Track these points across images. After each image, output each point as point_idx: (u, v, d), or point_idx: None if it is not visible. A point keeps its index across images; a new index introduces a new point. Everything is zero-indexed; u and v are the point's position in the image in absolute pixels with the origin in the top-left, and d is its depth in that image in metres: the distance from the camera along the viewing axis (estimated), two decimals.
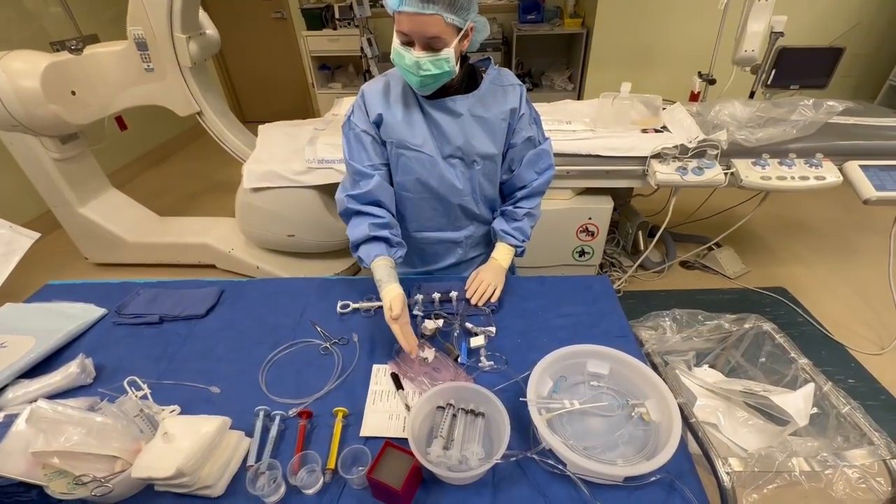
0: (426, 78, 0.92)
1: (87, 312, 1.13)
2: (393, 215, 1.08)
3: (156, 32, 1.99)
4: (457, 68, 0.93)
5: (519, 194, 1.16)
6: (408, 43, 0.89)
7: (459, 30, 0.89)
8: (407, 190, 1.10)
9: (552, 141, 1.18)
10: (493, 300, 1.11)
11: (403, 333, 0.93)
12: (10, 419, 0.78)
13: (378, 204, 1.06)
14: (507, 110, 1.05)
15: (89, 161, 2.44)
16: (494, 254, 1.17)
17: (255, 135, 2.23)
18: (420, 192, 1.10)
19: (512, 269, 1.36)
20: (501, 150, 1.10)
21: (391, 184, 1.11)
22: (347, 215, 1.08)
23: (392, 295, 0.95)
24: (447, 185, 1.08)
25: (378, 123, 1.03)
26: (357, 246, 1.06)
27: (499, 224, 1.17)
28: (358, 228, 1.04)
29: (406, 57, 0.90)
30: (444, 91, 0.99)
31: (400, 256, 1.07)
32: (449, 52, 0.89)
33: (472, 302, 1.10)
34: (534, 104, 1.13)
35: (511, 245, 1.17)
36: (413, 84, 0.95)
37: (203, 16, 2.23)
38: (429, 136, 1.03)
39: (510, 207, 1.17)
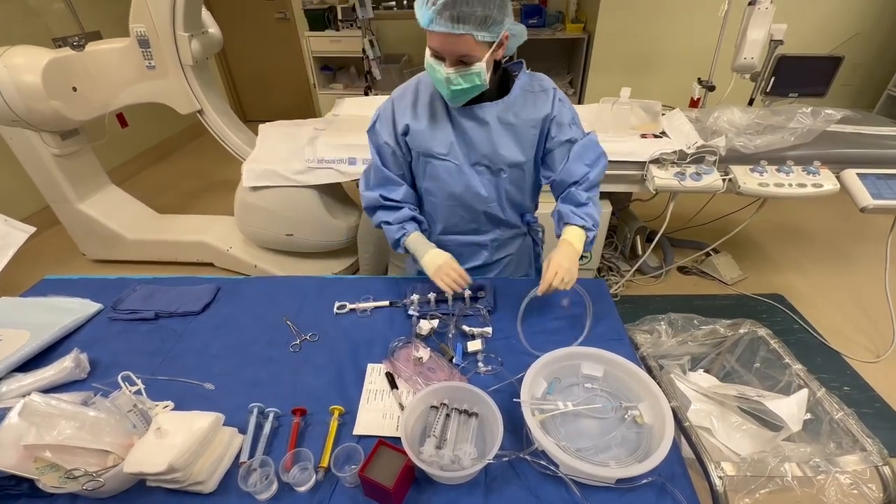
0: (457, 92, 0.92)
1: (83, 307, 1.13)
2: (418, 213, 1.16)
3: (158, 30, 1.99)
4: (488, 80, 0.92)
5: (573, 189, 1.08)
6: (439, 57, 0.89)
7: (492, 43, 0.88)
8: (433, 195, 1.13)
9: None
10: (567, 284, 0.98)
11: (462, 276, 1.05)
12: (3, 412, 0.78)
13: (408, 203, 1.14)
14: (539, 118, 1.03)
15: (89, 157, 2.44)
16: (564, 235, 1.05)
17: (256, 134, 2.24)
18: (446, 198, 1.12)
19: (539, 272, 1.31)
20: (532, 157, 1.08)
21: (414, 186, 1.16)
22: (378, 207, 1.13)
23: (444, 257, 1.07)
24: (472, 192, 1.09)
25: (405, 133, 1.05)
26: (398, 222, 1.11)
27: (562, 207, 1.07)
28: (398, 212, 1.11)
29: (438, 71, 0.90)
30: (474, 98, 0.98)
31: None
32: (480, 67, 0.88)
33: (547, 287, 0.97)
34: None
35: (580, 226, 1.04)
36: (445, 96, 0.96)
37: (206, 14, 2.24)
38: (455, 143, 1.04)
39: (571, 190, 1.06)
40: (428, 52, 0.91)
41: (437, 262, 1.07)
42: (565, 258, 1.00)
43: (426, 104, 1.03)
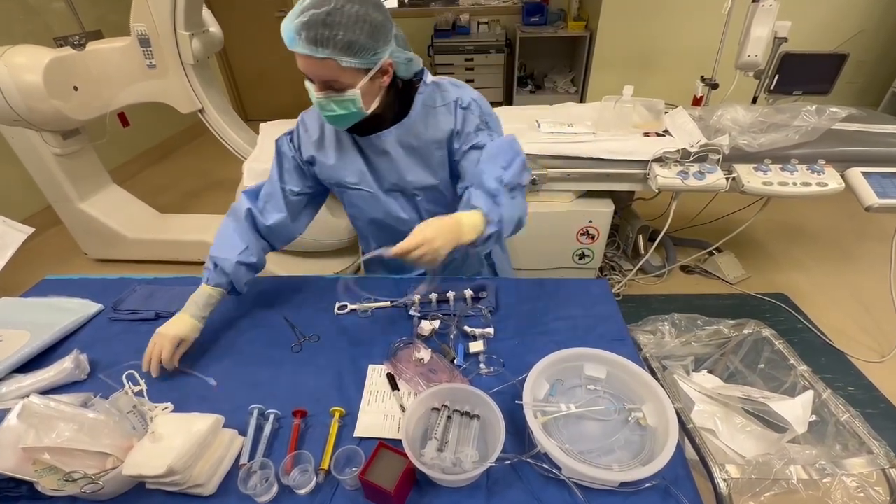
0: (332, 118, 0.86)
1: (83, 308, 1.13)
2: (264, 252, 1.09)
3: (159, 29, 1.99)
4: (370, 108, 0.86)
5: (487, 182, 0.89)
6: (310, 79, 0.83)
7: (367, 70, 0.81)
8: (358, 219, 1.11)
9: (555, 144, 1.14)
10: (428, 261, 0.80)
11: (154, 354, 0.90)
12: (2, 414, 0.77)
13: (266, 235, 1.07)
14: (443, 137, 0.95)
15: (90, 157, 2.45)
16: (458, 213, 0.86)
17: (257, 133, 2.23)
18: (368, 223, 1.10)
19: (493, 270, 1.30)
20: (445, 176, 1.01)
21: (297, 215, 1.09)
22: (240, 213, 1.05)
23: (178, 327, 0.93)
24: (392, 217, 1.06)
25: (311, 163, 1.02)
26: (214, 260, 1.00)
27: (472, 189, 0.88)
28: (233, 241, 1.01)
29: (311, 93, 0.84)
30: (371, 124, 0.92)
31: (229, 292, 1.04)
32: (354, 94, 0.82)
33: (400, 254, 0.80)
34: (536, 106, 1.11)
35: (482, 210, 0.83)
36: (327, 121, 0.91)
37: (206, 13, 2.23)
38: (366, 171, 1.00)
39: (485, 179, 0.87)
40: None
41: (167, 333, 0.93)
42: (438, 232, 0.80)
43: (333, 136, 0.99)
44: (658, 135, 1.89)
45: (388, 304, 1.12)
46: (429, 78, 0.96)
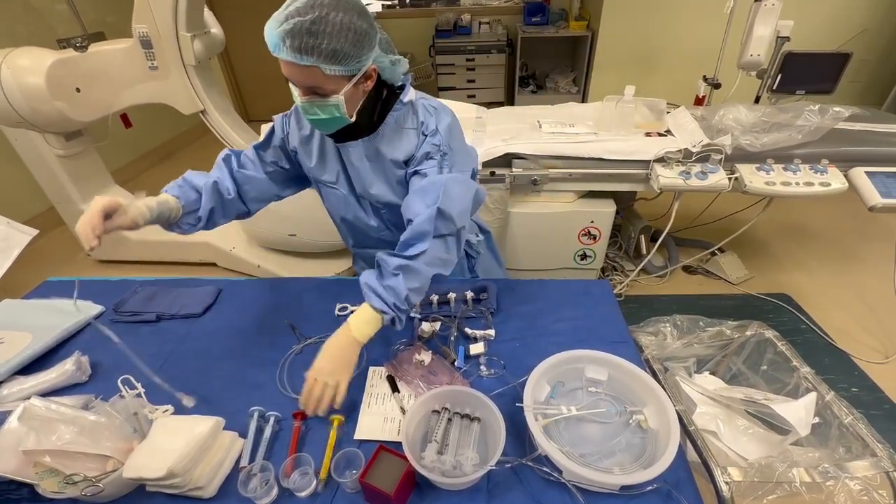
0: (315, 122, 0.87)
1: (85, 309, 1.13)
2: (242, 202, 1.05)
3: (161, 31, 1.99)
4: (353, 113, 0.86)
5: (405, 234, 0.87)
6: (293, 83, 0.83)
7: (351, 76, 0.81)
8: (333, 216, 1.14)
9: (556, 144, 1.12)
10: (332, 404, 0.79)
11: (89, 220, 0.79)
12: (3, 416, 0.78)
13: (241, 184, 1.03)
14: (401, 159, 0.94)
15: (93, 158, 2.45)
16: (351, 317, 0.84)
17: (259, 134, 2.23)
18: (340, 221, 1.14)
19: (479, 281, 1.29)
20: (404, 195, 0.95)
21: (283, 180, 1.09)
22: (219, 161, 1.04)
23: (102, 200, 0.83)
24: (362, 221, 1.09)
25: (296, 153, 1.04)
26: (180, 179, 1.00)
27: (366, 276, 0.86)
28: (200, 178, 1.00)
29: (295, 97, 0.85)
30: (347, 130, 0.92)
31: (195, 218, 1.01)
32: (337, 100, 0.82)
33: (307, 407, 0.80)
34: (537, 106, 1.11)
35: (374, 307, 0.82)
36: (312, 126, 0.94)
37: (208, 14, 2.23)
38: (342, 173, 1.02)
39: (385, 255, 0.86)
40: None
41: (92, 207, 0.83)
42: (326, 360, 0.81)
43: (318, 135, 1.00)
44: (660, 135, 1.88)
45: None
46: (407, 96, 0.94)
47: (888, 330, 2.02)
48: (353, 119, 0.88)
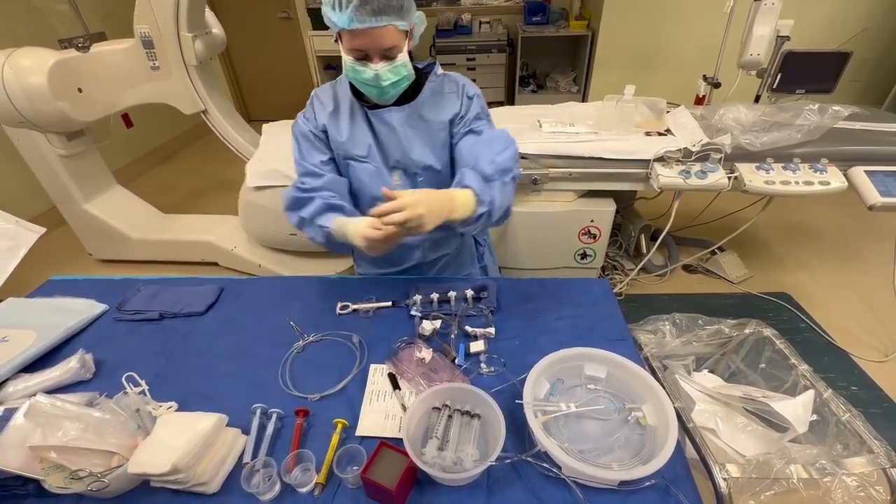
0: (388, 87, 0.92)
1: (88, 308, 1.14)
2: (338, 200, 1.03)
3: (162, 31, 2.00)
4: (412, 70, 0.94)
5: (485, 172, 0.93)
6: (363, 58, 0.89)
7: (406, 31, 0.90)
8: (358, 198, 1.13)
9: (556, 144, 1.15)
10: (411, 228, 0.82)
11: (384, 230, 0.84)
12: (9, 413, 0.79)
13: (323, 192, 1.02)
14: (447, 120, 1.02)
15: (95, 158, 2.46)
16: (453, 190, 0.90)
17: (260, 133, 2.24)
18: (369, 202, 1.11)
19: (485, 270, 1.36)
20: (446, 161, 1.07)
21: (339, 171, 1.09)
22: (297, 205, 1.00)
23: (364, 219, 0.90)
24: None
25: (325, 132, 1.05)
26: (311, 221, 0.98)
27: (467, 170, 0.93)
28: (310, 206, 0.98)
29: (365, 72, 0.89)
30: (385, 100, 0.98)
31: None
32: (404, 57, 0.90)
33: (381, 213, 0.81)
34: (537, 106, 1.12)
35: (474, 190, 0.88)
36: (374, 96, 0.96)
37: (209, 15, 2.24)
38: (373, 145, 1.04)
39: (480, 163, 0.94)
40: (349, 56, 0.90)
41: (360, 231, 0.89)
42: (426, 201, 0.81)
43: (346, 106, 1.03)
44: (660, 134, 1.89)
45: (389, 304, 1.13)
46: (439, 70, 1.05)
47: (888, 329, 2.03)
48: (414, 75, 0.95)
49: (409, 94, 1.00)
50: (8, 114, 1.91)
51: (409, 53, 0.95)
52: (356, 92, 1.01)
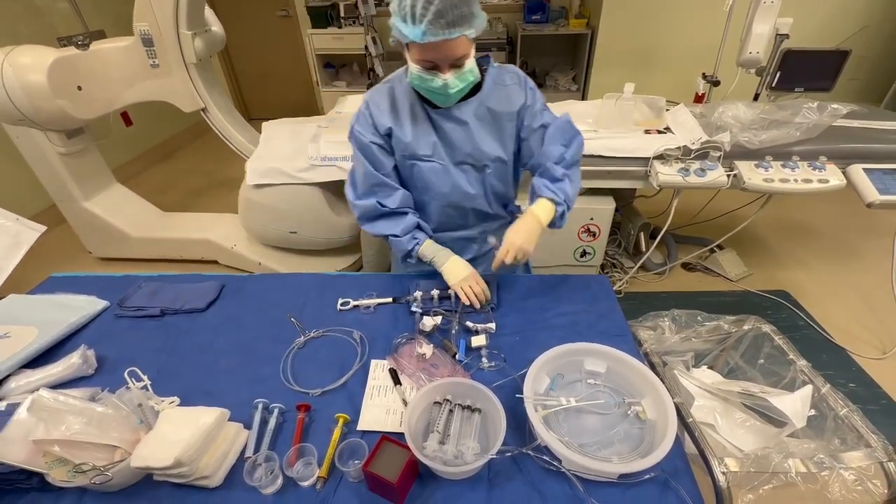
0: (454, 94, 0.94)
1: (90, 304, 1.14)
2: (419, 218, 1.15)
3: (161, 29, 2.00)
4: (478, 72, 0.95)
5: (550, 165, 1.06)
6: (432, 67, 0.90)
7: (474, 38, 0.90)
8: (422, 197, 1.13)
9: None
10: (520, 261, 1.02)
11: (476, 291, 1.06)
12: (12, 408, 0.79)
13: (408, 209, 1.12)
14: (514, 110, 1.04)
15: (94, 156, 2.46)
16: (532, 207, 1.06)
17: (259, 132, 2.24)
18: (433, 199, 1.13)
19: (527, 267, 1.39)
20: (512, 150, 1.09)
21: (405, 186, 1.13)
22: (376, 216, 1.10)
23: (464, 265, 1.09)
24: (460, 191, 1.10)
25: (388, 135, 1.05)
26: (406, 233, 1.10)
27: (537, 180, 1.07)
28: (404, 221, 1.09)
29: (433, 81, 0.91)
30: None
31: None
32: (471, 63, 0.92)
33: (500, 264, 1.02)
34: None
35: (550, 200, 1.04)
36: (439, 102, 0.98)
37: (209, 13, 2.24)
38: (438, 144, 1.05)
39: (548, 166, 1.06)
40: (416, 66, 0.90)
41: (461, 275, 1.08)
42: (520, 235, 1.01)
43: (406, 107, 1.03)
44: (659, 132, 1.89)
45: (390, 300, 1.13)
46: (493, 62, 1.07)
47: (886, 326, 2.04)
48: (480, 77, 0.96)
49: (473, 88, 1.00)
50: (7, 111, 1.91)
51: None
52: (419, 93, 1.01)
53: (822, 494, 0.83)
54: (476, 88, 1.02)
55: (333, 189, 2.15)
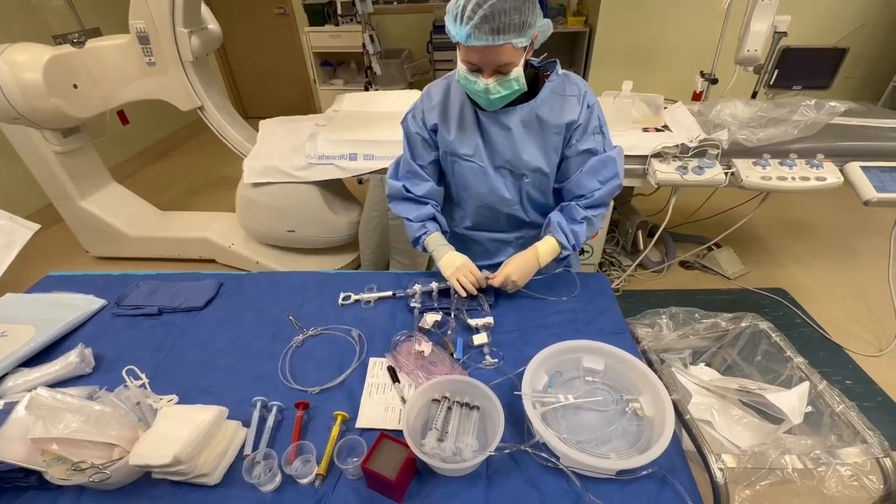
0: (496, 100, 0.93)
1: (88, 303, 1.14)
2: (439, 212, 1.17)
3: (158, 26, 1.99)
4: (524, 83, 0.93)
5: (579, 203, 1.07)
6: (476, 70, 0.89)
7: (526, 47, 0.88)
8: (460, 193, 1.15)
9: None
10: (509, 290, 1.09)
11: (471, 280, 1.06)
12: (10, 406, 0.79)
13: (431, 200, 1.15)
14: (563, 123, 1.01)
15: (91, 155, 2.45)
16: (538, 244, 1.08)
17: (257, 130, 2.24)
18: (470, 197, 1.14)
19: (569, 264, 1.33)
20: (555, 163, 1.07)
21: (439, 180, 1.17)
22: (401, 198, 1.15)
23: (459, 256, 1.09)
24: (496, 194, 1.10)
25: (434, 131, 1.07)
26: (419, 220, 1.13)
27: (556, 216, 1.09)
28: (421, 209, 1.13)
29: (476, 83, 0.90)
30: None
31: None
32: (518, 72, 0.89)
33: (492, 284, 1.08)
34: None
35: (559, 242, 1.07)
36: (483, 105, 0.97)
37: (205, 10, 2.23)
38: (481, 146, 1.05)
39: (573, 203, 1.07)
40: (462, 66, 0.90)
41: (455, 264, 1.09)
42: (517, 271, 1.06)
43: (457, 109, 1.03)
44: (657, 130, 1.89)
45: (390, 294, 1.14)
46: (559, 70, 1.03)
47: (883, 323, 2.05)
48: (526, 88, 0.94)
49: (526, 94, 0.98)
50: (3, 110, 1.90)
51: (527, 60, 0.95)
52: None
53: (819, 490, 0.84)
54: (531, 94, 0.99)
55: (331, 188, 2.14)
